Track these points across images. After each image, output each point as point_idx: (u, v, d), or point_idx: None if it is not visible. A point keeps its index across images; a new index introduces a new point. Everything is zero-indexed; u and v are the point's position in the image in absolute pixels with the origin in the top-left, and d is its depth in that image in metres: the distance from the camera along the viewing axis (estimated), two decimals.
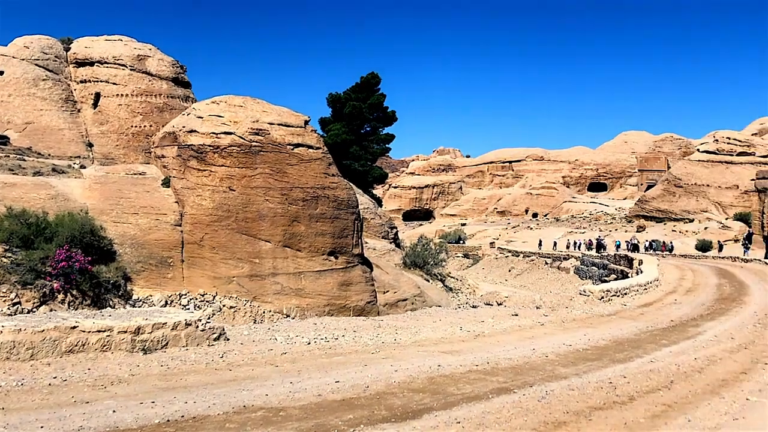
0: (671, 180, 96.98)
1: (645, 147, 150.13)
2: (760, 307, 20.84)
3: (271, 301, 23.31)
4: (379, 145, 51.79)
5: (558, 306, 21.04)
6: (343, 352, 12.71)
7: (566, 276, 54.32)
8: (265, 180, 23.74)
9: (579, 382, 10.59)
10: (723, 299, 23.51)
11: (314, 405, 8.96)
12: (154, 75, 35.61)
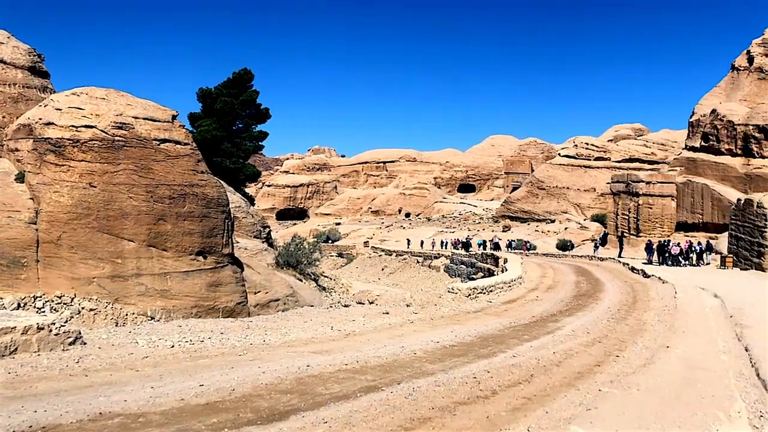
0: (534, 182, 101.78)
1: (511, 151, 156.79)
2: (613, 303, 22.20)
3: (135, 303, 22.27)
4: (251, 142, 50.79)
5: (427, 304, 21.47)
6: (209, 354, 12.33)
7: (437, 274, 55.68)
8: (129, 176, 22.64)
9: (445, 378, 10.80)
10: (580, 296, 24.87)
11: (176, 410, 8.61)
12: (8, 63, 33.09)
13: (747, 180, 57.91)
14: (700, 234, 57.51)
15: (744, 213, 37.54)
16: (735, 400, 9.75)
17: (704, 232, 57.99)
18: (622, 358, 12.79)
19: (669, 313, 19.03)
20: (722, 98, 67.57)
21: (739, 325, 16.58)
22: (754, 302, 21.01)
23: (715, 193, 58.43)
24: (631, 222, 63.89)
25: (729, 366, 12.10)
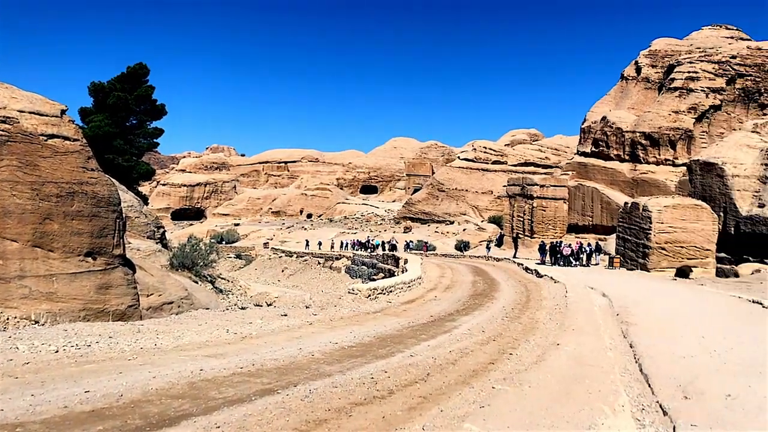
0: (435, 185, 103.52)
1: (412, 153, 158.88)
2: (508, 302, 22.80)
3: (17, 307, 20.99)
4: (146, 139, 49.03)
5: (327, 305, 21.36)
6: (96, 359, 11.75)
7: (338, 275, 55.62)
8: (13, 173, 21.33)
9: (342, 379, 10.73)
10: (477, 295, 25.42)
11: (59, 418, 8.14)
12: None
13: (634, 184, 60.97)
14: (590, 235, 60.08)
15: (630, 216, 39.47)
16: (620, 395, 10.16)
17: (594, 234, 60.62)
18: (515, 355, 13.12)
19: (560, 311, 19.71)
20: (612, 106, 70.90)
21: (625, 322, 17.36)
22: (639, 301, 22.07)
23: (604, 197, 61.19)
24: (526, 223, 66.00)
25: (615, 362, 12.62)
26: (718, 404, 9.29)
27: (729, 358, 12.43)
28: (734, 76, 61.86)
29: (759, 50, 63.35)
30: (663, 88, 64.83)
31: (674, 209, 36.94)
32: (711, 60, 62.68)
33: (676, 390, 10.24)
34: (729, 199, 42.81)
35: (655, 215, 36.62)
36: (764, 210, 39.90)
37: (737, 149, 46.16)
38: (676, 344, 13.98)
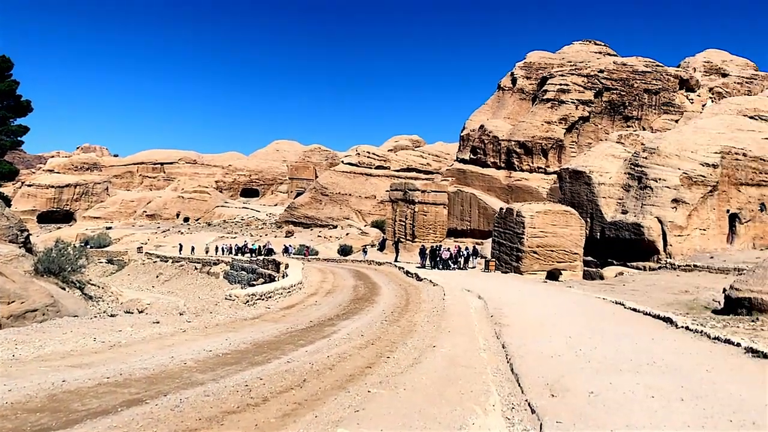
0: (318, 188, 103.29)
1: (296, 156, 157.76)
2: (388, 306, 22.98)
3: None
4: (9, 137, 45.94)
5: (203, 311, 20.72)
6: None
7: (216, 281, 54.30)
8: None
9: (215, 388, 10.40)
10: (358, 299, 25.47)
11: None
12: None
13: (509, 190, 63.33)
14: (468, 240, 61.81)
15: (505, 221, 40.92)
16: (491, 394, 10.42)
17: (472, 238, 62.42)
18: (393, 358, 13.20)
19: (438, 314, 20.07)
20: (489, 115, 73.41)
21: (499, 324, 17.91)
22: (512, 302, 22.87)
23: (481, 202, 63.16)
24: (408, 228, 67.05)
25: (488, 362, 12.95)
26: (581, 401, 9.71)
27: (593, 356, 13.06)
28: (601, 90, 65.60)
29: (624, 65, 67.54)
30: (537, 99, 67.80)
31: (545, 215, 38.64)
32: (581, 73, 66.18)
33: (544, 388, 10.62)
34: (595, 205, 45.26)
35: (527, 220, 38.15)
36: (627, 216, 42.47)
37: (603, 159, 48.91)
38: (545, 344, 14.54)
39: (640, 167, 44.62)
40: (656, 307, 21.99)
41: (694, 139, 45.81)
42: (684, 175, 42.12)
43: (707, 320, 18.37)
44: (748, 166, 44.90)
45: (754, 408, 9.11)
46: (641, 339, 15.04)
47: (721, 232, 43.62)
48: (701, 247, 41.35)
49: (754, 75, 76.00)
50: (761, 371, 11.49)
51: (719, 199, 43.59)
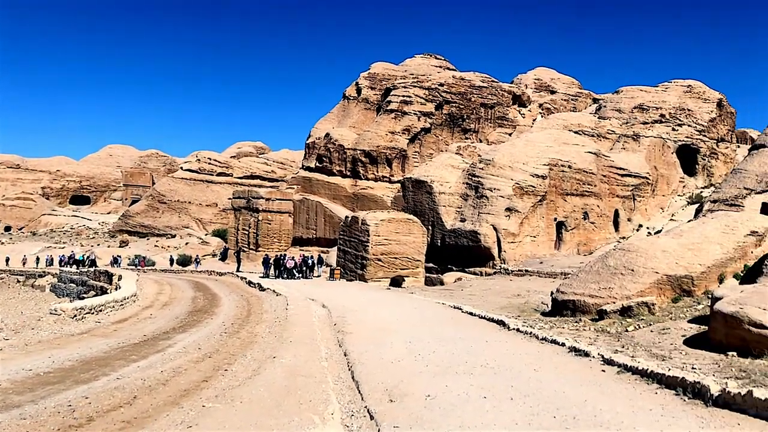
0: (155, 196, 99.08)
1: (131, 162, 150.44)
2: (228, 317, 22.34)
3: None
4: None
5: (23, 328, 19.08)
6: None
7: (42, 294, 50.50)
8: None
9: (33, 410, 9.54)
10: (197, 311, 24.57)
11: None
12: None
13: (355, 199, 64.01)
14: (314, 248, 61.72)
15: (351, 229, 41.25)
16: (330, 403, 10.32)
17: (318, 247, 62.42)
18: (231, 371, 12.77)
19: (280, 324, 19.75)
20: (335, 123, 73.94)
21: (342, 332, 17.92)
22: (356, 310, 23.00)
23: (327, 211, 63.37)
24: (251, 237, 65.90)
25: (329, 371, 12.86)
26: (419, 405, 9.86)
27: (431, 360, 13.35)
28: (442, 102, 68.11)
29: (462, 80, 70.57)
30: (381, 110, 69.19)
31: (389, 223, 39.39)
32: (422, 86, 68.37)
33: (383, 394, 10.70)
34: (436, 213, 46.78)
35: (372, 228, 38.69)
36: (465, 224, 44.25)
37: (443, 169, 50.71)
38: (386, 350, 14.70)
39: (477, 177, 46.68)
40: (491, 310, 22.95)
41: (526, 151, 48.64)
42: (516, 185, 44.56)
43: (536, 322, 19.43)
44: (573, 177, 48.34)
45: (575, 404, 9.66)
46: (477, 342, 15.60)
47: (550, 239, 46.58)
48: (532, 253, 43.89)
49: (578, 93, 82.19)
50: (582, 368, 12.25)
51: (548, 207, 46.54)
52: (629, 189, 54.19)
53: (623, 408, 9.35)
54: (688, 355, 13.53)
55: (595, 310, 20.23)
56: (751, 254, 23.31)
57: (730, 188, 34.05)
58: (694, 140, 64.37)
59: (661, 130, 62.73)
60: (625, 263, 21.78)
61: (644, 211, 55.70)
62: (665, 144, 61.75)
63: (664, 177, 60.31)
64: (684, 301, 20.42)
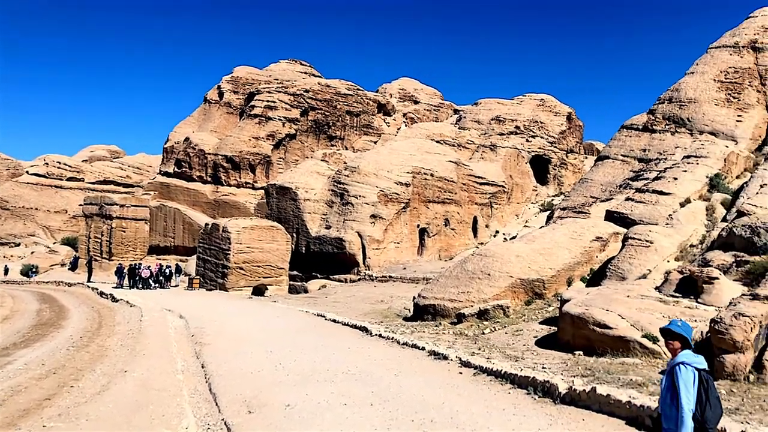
0: None
1: None
2: (77, 330, 21.00)
3: None
4: None
5: None
6: None
7: None
8: None
9: None
10: (42, 325, 22.96)
11: None
12: None
13: (216, 206, 62.39)
14: (172, 257, 59.52)
15: (211, 237, 40.11)
16: (185, 417, 9.88)
17: (176, 255, 60.26)
18: (77, 388, 11.95)
19: (133, 336, 18.79)
20: (195, 128, 71.78)
21: (200, 343, 17.30)
22: (216, 320, 22.31)
23: (186, 218, 61.33)
24: (104, 245, 62.62)
25: (184, 384, 12.35)
26: (278, 415, 9.64)
27: (292, 369, 13.14)
28: (307, 109, 67.86)
29: (328, 87, 70.66)
30: (244, 114, 67.92)
31: (252, 230, 38.67)
32: (287, 92, 67.80)
33: (241, 406, 10.39)
34: (301, 220, 46.47)
35: (234, 236, 37.82)
36: (330, 231, 44.25)
37: (309, 175, 50.52)
38: (246, 360, 14.33)
39: (342, 184, 46.86)
40: (355, 317, 23.04)
41: (390, 159, 49.43)
42: (381, 192, 45.15)
43: (398, 327, 19.68)
44: (435, 185, 49.67)
45: (433, 406, 9.80)
46: (339, 349, 15.55)
47: (413, 245, 47.55)
48: (396, 259, 44.59)
49: (440, 103, 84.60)
50: (440, 371, 12.50)
51: (411, 214, 47.50)
52: (487, 197, 56.39)
53: (478, 409, 9.59)
54: (539, 355, 14.15)
55: (454, 313, 20.78)
56: (596, 258, 24.86)
57: (577, 196, 36.24)
58: (546, 151, 68.04)
59: (517, 141, 65.83)
60: (483, 268, 22.56)
61: (501, 218, 58.15)
62: (520, 154, 64.86)
63: (519, 185, 63.30)
64: (536, 303, 21.43)
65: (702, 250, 22.23)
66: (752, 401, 9.18)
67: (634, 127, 37.53)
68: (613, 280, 20.70)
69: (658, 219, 26.48)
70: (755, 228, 18.92)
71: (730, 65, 36.51)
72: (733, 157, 31.29)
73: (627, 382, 10.30)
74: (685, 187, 28.85)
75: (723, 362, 10.89)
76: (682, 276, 17.10)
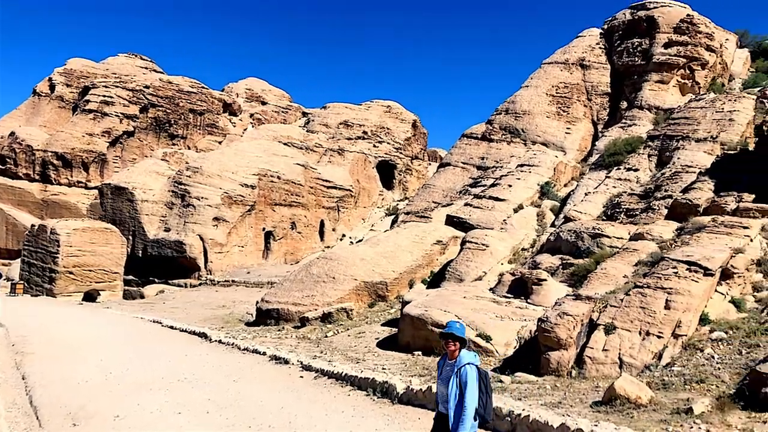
0: None
1: None
2: None
3: None
4: None
5: None
6: None
7: None
8: None
9: None
10: None
11: None
12: None
13: (44, 206, 58.27)
14: None
15: (38, 239, 37.35)
16: None
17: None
18: None
19: None
20: (23, 122, 66.70)
21: (21, 353, 16.01)
22: (40, 328, 20.80)
23: (10, 218, 56.78)
24: None
25: (1, 397, 11.34)
26: (106, 427, 9.10)
27: (123, 378, 12.45)
28: (147, 105, 65.01)
29: (170, 84, 68.09)
30: (78, 109, 63.95)
31: (84, 232, 36.43)
32: (126, 87, 64.61)
33: (65, 418, 9.72)
34: (138, 222, 44.35)
35: (63, 238, 35.43)
36: (170, 234, 42.58)
37: (147, 175, 48.36)
38: (74, 370, 13.42)
39: (183, 185, 45.26)
40: (195, 323, 22.33)
41: (236, 160, 48.41)
42: (225, 194, 44.08)
43: (240, 333, 19.27)
44: (282, 188, 49.25)
45: (272, 411, 9.64)
46: (176, 356, 14.95)
47: (258, 249, 46.83)
48: (239, 263, 43.70)
49: (289, 105, 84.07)
50: (281, 376, 12.33)
51: (256, 217, 46.77)
52: (334, 200, 56.72)
53: (317, 412, 9.54)
54: (380, 356, 14.36)
55: (298, 317, 20.66)
56: (437, 261, 25.71)
57: (421, 201, 37.33)
58: (393, 157, 69.53)
59: (364, 146, 66.74)
60: (327, 271, 22.61)
61: (347, 222, 58.71)
62: (367, 159, 65.84)
63: (366, 190, 64.24)
64: (379, 305, 21.77)
65: (533, 253, 23.61)
66: (573, 395, 9.79)
67: (474, 136, 39.24)
68: (452, 282, 21.46)
69: (494, 224, 27.79)
70: (579, 233, 20.35)
71: (561, 80, 39.14)
72: (561, 167, 33.51)
73: None
74: (518, 194, 30.51)
75: (548, 359, 11.55)
76: (514, 278, 18.02)
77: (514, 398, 9.56)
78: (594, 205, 27.42)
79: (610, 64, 40.05)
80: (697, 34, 37.58)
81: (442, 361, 6.11)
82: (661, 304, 12.03)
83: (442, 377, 6.01)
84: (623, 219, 23.93)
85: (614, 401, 8.92)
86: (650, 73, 36.92)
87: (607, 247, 18.95)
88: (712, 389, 9.44)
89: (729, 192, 20.56)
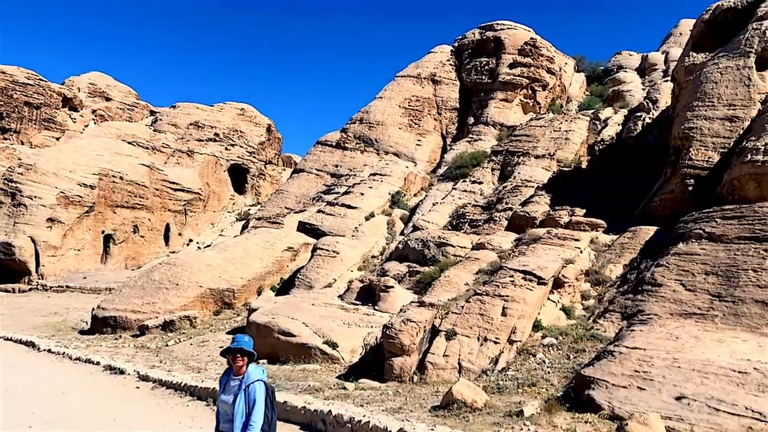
0: None
1: None
2: None
3: None
4: None
5: None
6: None
7: None
8: None
9: None
10: None
11: None
12: None
13: None
14: None
15: None
16: None
17: None
18: None
19: None
20: None
21: None
22: None
23: None
24: None
25: None
26: None
27: None
28: None
29: (3, 73, 63.00)
30: None
31: None
32: None
33: None
34: None
35: None
36: None
37: None
38: None
39: (14, 183, 41.89)
40: (22, 331, 20.68)
41: (74, 158, 45.52)
42: (61, 194, 41.32)
43: (72, 341, 18.08)
44: (125, 189, 46.88)
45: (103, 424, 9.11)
46: None
47: (96, 253, 44.21)
48: (75, 268, 41.06)
49: (135, 103, 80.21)
50: (116, 387, 11.66)
51: (95, 219, 44.17)
52: (182, 203, 54.74)
53: (154, 423, 9.09)
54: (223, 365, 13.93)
55: (137, 325, 19.69)
56: (287, 268, 25.44)
57: (273, 207, 36.89)
58: (245, 161, 68.29)
59: (215, 149, 65.05)
60: (171, 277, 21.73)
61: (195, 226, 56.87)
62: (218, 162, 64.22)
63: (216, 194, 62.59)
64: (225, 313, 21.20)
65: (382, 260, 23.97)
66: (414, 400, 9.98)
67: (329, 143, 39.39)
68: (302, 289, 21.32)
69: (346, 231, 27.97)
70: (426, 241, 20.90)
71: (413, 94, 40.20)
72: (412, 177, 34.35)
73: (305, 387, 10.57)
74: (370, 202, 30.91)
75: (392, 365, 11.72)
76: (362, 285, 18.20)
77: (356, 405, 9.58)
78: (441, 215, 28.33)
79: (459, 80, 41.68)
80: (540, 56, 40.04)
81: (225, 377, 5.84)
82: (498, 311, 12.57)
83: (225, 393, 5.72)
84: (467, 229, 24.88)
85: (452, 405, 9.18)
86: (496, 92, 38.86)
87: (452, 255, 19.60)
88: (542, 392, 9.97)
89: (563, 206, 21.95)
